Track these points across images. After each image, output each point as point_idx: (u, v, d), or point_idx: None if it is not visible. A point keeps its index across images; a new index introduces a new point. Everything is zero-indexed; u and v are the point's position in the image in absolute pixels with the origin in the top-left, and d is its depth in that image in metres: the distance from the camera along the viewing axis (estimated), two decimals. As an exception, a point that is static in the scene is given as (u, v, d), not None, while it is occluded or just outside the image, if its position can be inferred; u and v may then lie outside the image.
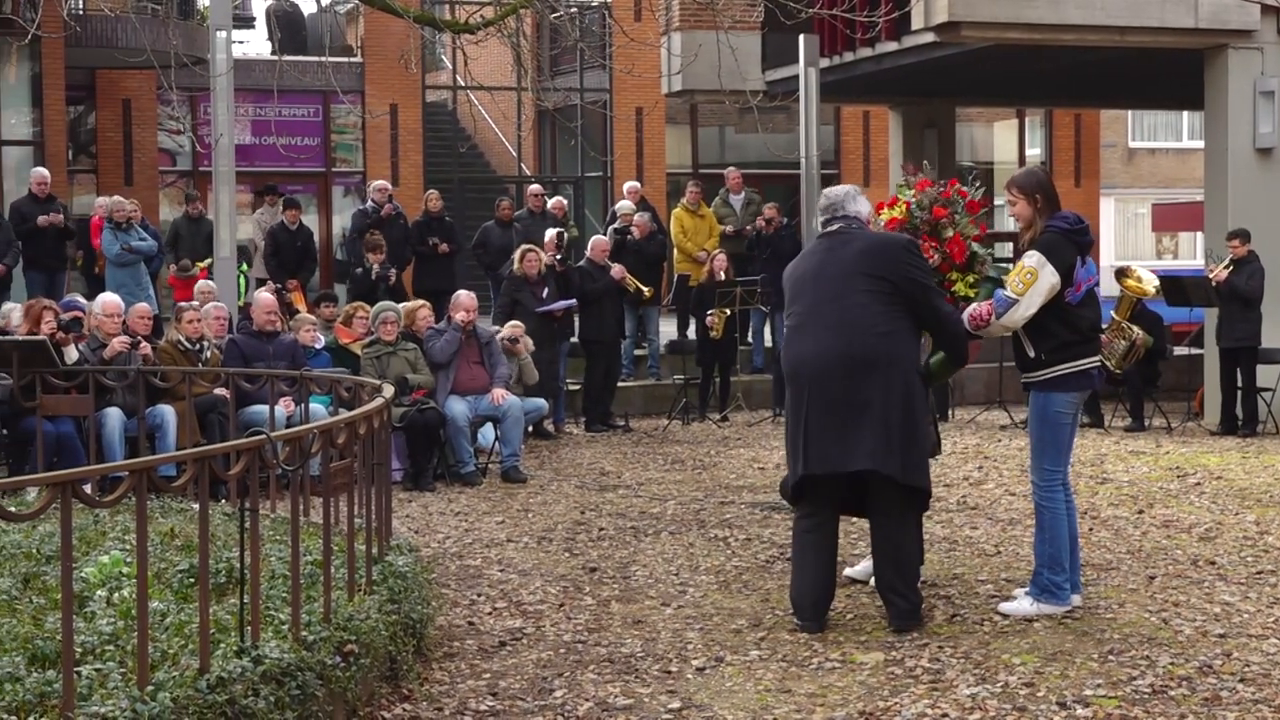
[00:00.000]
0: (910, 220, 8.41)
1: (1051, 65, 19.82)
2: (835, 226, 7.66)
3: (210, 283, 15.31)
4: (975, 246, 8.49)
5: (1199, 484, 11.98)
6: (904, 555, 7.52)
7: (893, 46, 18.36)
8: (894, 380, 7.32)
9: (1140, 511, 10.76)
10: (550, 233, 16.62)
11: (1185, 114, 39.29)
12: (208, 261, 16.30)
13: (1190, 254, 39.75)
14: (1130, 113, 40.33)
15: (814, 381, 7.38)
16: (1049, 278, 7.54)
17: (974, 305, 7.74)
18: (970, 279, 8.37)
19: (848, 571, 8.43)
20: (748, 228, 19.30)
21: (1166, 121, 43.08)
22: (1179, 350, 18.29)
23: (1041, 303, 7.54)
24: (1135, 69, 19.91)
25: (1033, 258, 7.58)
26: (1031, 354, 7.67)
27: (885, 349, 7.33)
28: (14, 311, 12.87)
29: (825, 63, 19.63)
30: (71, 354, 11.48)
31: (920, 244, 8.06)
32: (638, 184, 21.32)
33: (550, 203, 19.22)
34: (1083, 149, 30.77)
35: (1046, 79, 21.77)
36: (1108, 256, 36.15)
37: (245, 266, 18.89)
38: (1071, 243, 7.69)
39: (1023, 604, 7.72)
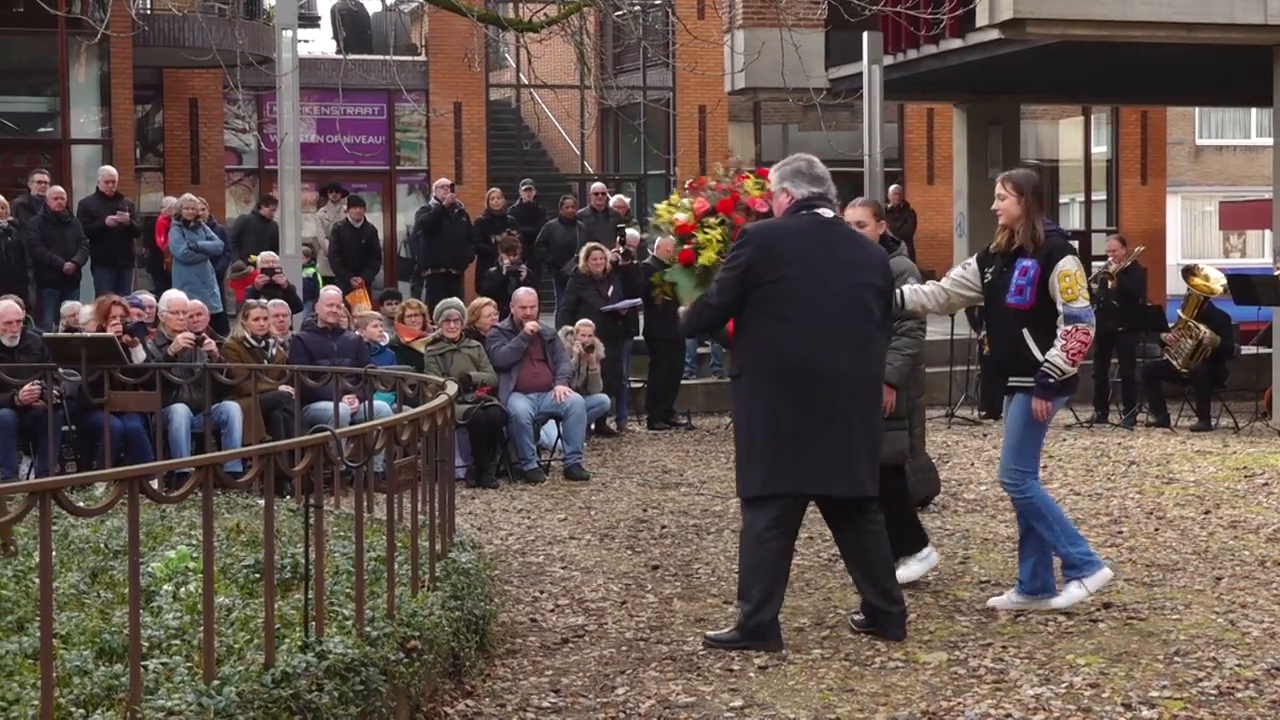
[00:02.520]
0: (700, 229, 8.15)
1: (1118, 62, 19.68)
2: (829, 214, 7.24)
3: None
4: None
5: (1267, 484, 11.86)
6: (890, 560, 7.42)
7: (957, 44, 18.27)
8: (880, 400, 7.36)
9: (1207, 512, 10.66)
10: (631, 233, 16.63)
11: (1254, 111, 38.87)
12: (262, 256, 16.38)
13: (1258, 252, 39.36)
14: (1198, 109, 40.01)
15: (824, 394, 7.01)
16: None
17: (1068, 345, 7.42)
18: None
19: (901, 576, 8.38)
20: None
21: (1234, 118, 42.71)
22: (1246, 349, 18.10)
23: None
24: (1203, 65, 19.74)
25: (1071, 261, 7.53)
26: (1040, 357, 7.57)
27: (881, 370, 7.38)
28: (82, 309, 13.00)
29: (889, 60, 19.57)
30: (139, 354, 11.58)
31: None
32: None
33: (612, 201, 19.27)
34: (1149, 146, 30.52)
35: (1113, 76, 21.62)
36: (1174, 255, 35.85)
37: (314, 267, 18.99)
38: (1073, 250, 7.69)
39: (1072, 592, 7.67)
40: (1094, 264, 27.18)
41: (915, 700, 6.25)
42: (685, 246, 7.85)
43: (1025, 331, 7.58)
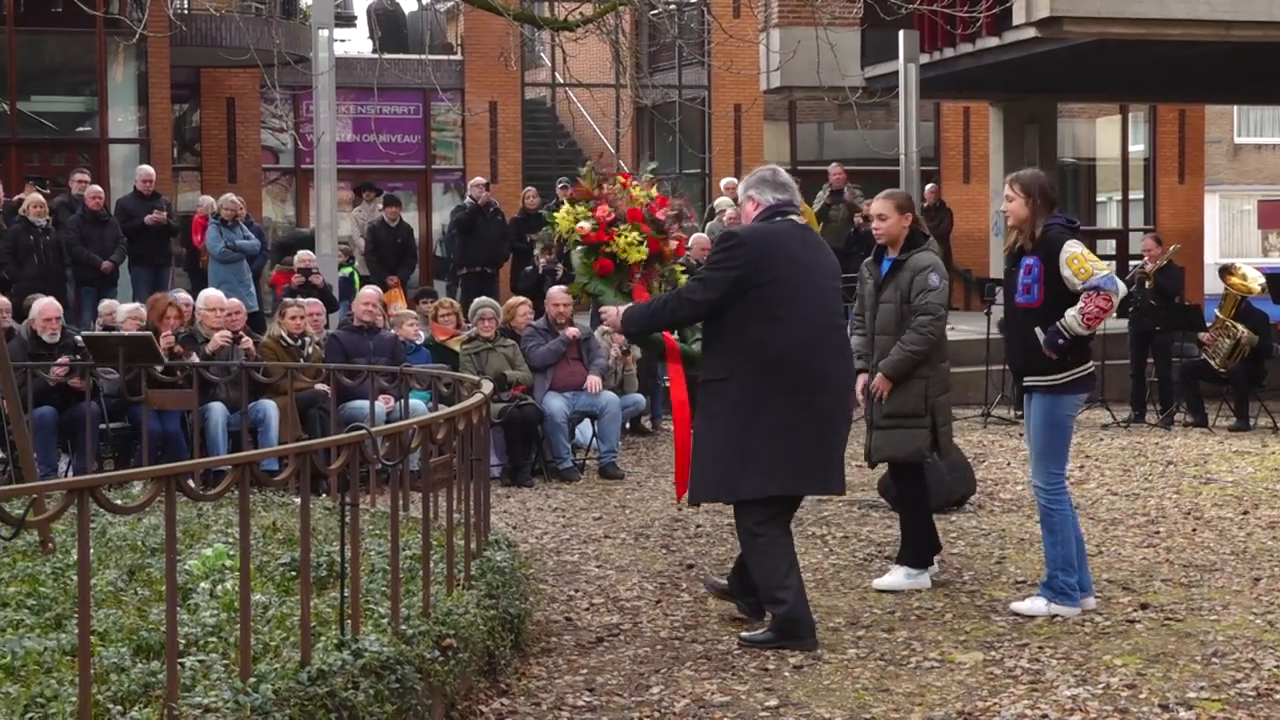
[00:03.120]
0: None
1: (1155, 60, 19.59)
2: (800, 220, 7.39)
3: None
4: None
5: (1305, 485, 11.80)
6: None
7: (994, 42, 18.22)
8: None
9: (1245, 512, 10.60)
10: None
11: (1293, 109, 38.69)
12: (298, 255, 16.45)
13: (1297, 251, 39.15)
14: (1236, 108, 39.80)
15: (821, 395, 7.13)
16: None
17: (1085, 307, 7.44)
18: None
19: (878, 583, 8.38)
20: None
21: (1274, 116, 42.49)
22: (1285, 349, 17.99)
23: None
24: (1242, 63, 19.64)
25: (1076, 245, 7.49)
26: (1054, 356, 7.54)
27: (853, 372, 7.77)
28: (119, 307, 13.06)
29: (925, 59, 19.53)
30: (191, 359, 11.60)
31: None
32: (735, 179, 21.29)
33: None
34: (1187, 145, 30.36)
35: (1150, 74, 21.54)
36: (1212, 254, 35.67)
37: (351, 266, 19.05)
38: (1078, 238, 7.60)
39: (1036, 604, 7.67)
40: (1130, 263, 27.05)
41: (951, 700, 6.24)
42: (603, 256, 7.87)
43: (1037, 330, 7.55)
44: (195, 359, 11.61)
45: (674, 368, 7.91)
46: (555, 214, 8.13)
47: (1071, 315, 7.44)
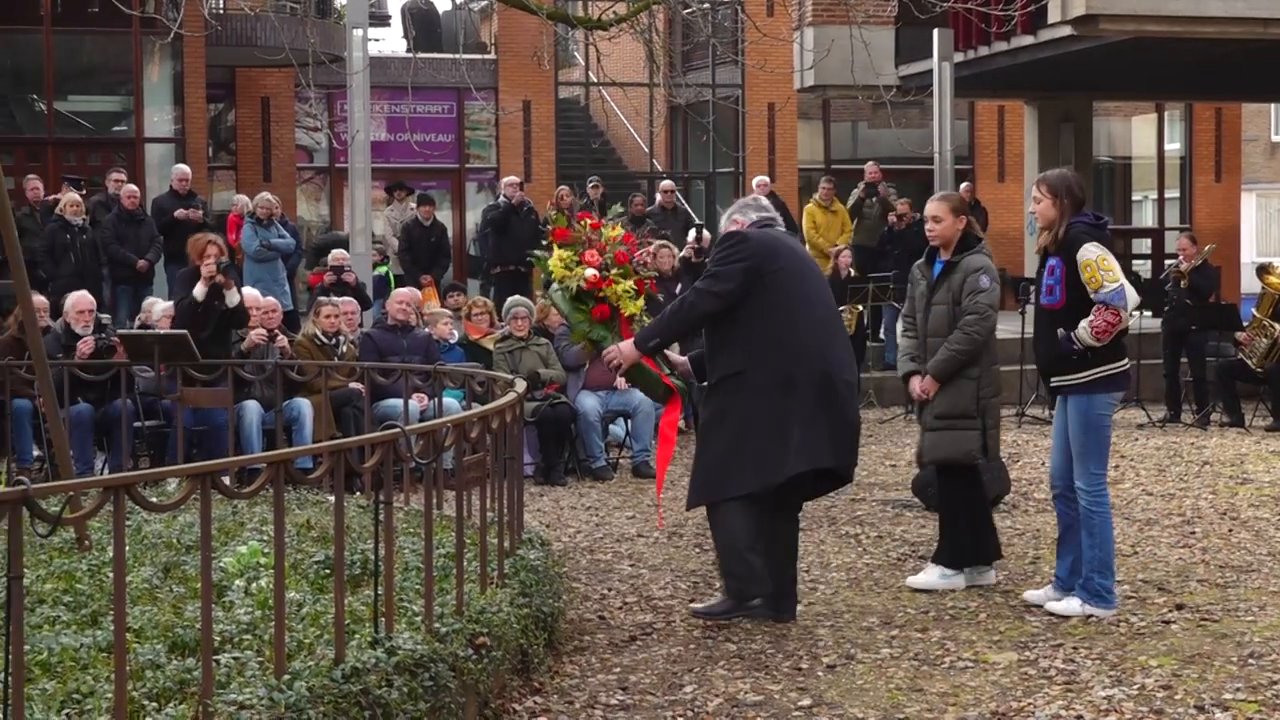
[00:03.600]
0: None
1: (1192, 58, 19.51)
2: (786, 232, 7.85)
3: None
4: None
5: (1343, 485, 11.73)
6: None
7: (1029, 40, 18.18)
8: None
9: (1282, 513, 10.56)
10: (691, 234, 16.64)
11: (1330, 107, 38.47)
12: (332, 254, 16.50)
13: (1335, 250, 38.94)
14: (1274, 105, 39.55)
15: (837, 374, 7.40)
16: (1114, 259, 7.50)
17: (1094, 321, 7.47)
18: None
19: (912, 581, 8.37)
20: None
21: (1311, 115, 42.21)
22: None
23: None
24: (1279, 61, 19.53)
25: (1095, 249, 7.46)
26: (1075, 354, 7.51)
27: None
28: (155, 305, 13.12)
29: (960, 57, 19.50)
30: (234, 297, 11.65)
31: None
32: (766, 178, 21.29)
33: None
34: (1224, 143, 30.23)
35: (1186, 72, 21.44)
36: (1248, 253, 35.48)
37: (386, 265, 19.10)
38: (1098, 238, 7.55)
39: (1071, 604, 7.65)
40: (1166, 262, 26.94)
41: (985, 701, 6.22)
42: (599, 302, 7.88)
43: (1061, 331, 7.53)
44: (237, 294, 11.65)
45: (669, 416, 8.01)
46: (545, 258, 8.10)
47: (1083, 326, 7.44)
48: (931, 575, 8.29)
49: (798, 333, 7.31)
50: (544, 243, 8.18)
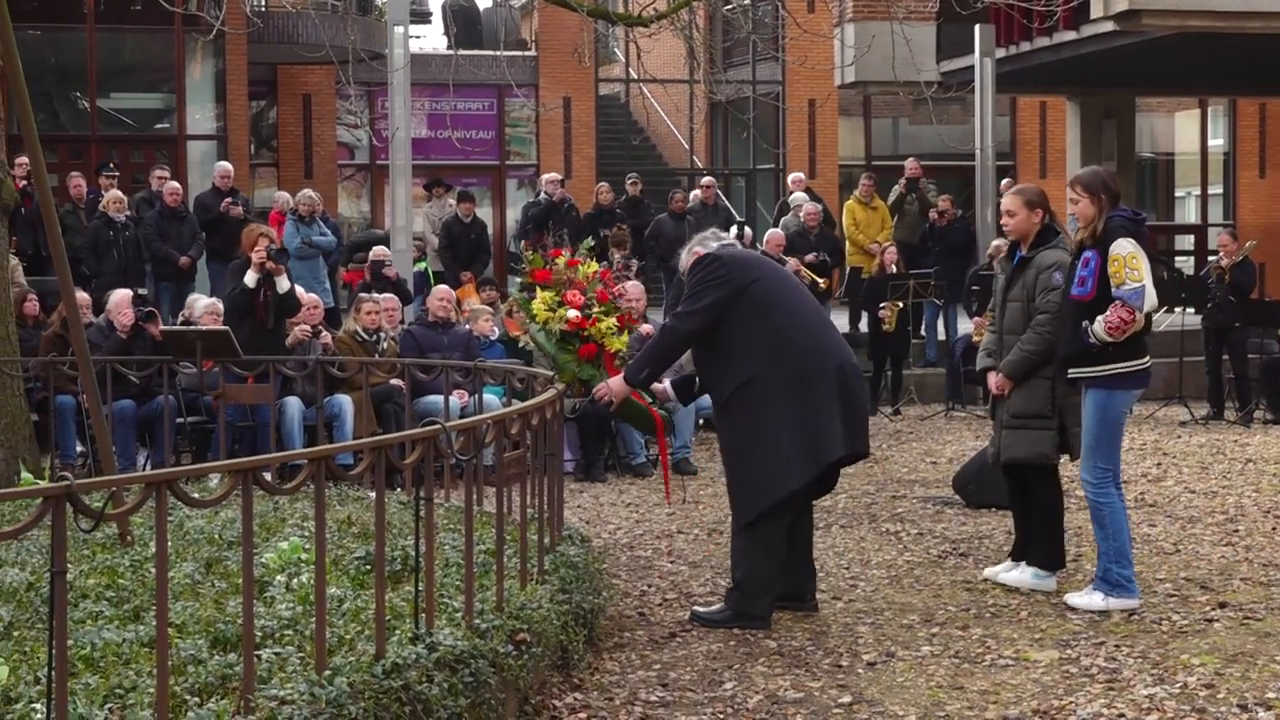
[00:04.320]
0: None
1: (1236, 53, 19.38)
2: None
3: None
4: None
5: (1388, 483, 11.65)
6: None
7: (1071, 36, 18.10)
8: None
9: (1326, 511, 10.48)
10: (732, 230, 16.64)
11: (1376, 102, 38.13)
12: (374, 250, 16.54)
13: (1380, 247, 38.61)
14: (1318, 101, 39.28)
15: (850, 373, 7.48)
16: (1146, 260, 7.43)
17: (1109, 316, 7.43)
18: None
19: (989, 572, 8.32)
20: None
21: (1356, 110, 41.87)
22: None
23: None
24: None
25: (1129, 243, 7.42)
26: (1097, 347, 7.47)
27: None
28: (197, 301, 13.18)
29: (1001, 53, 19.43)
30: (283, 283, 11.73)
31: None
32: (802, 175, 21.25)
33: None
34: (1268, 139, 30.02)
35: (1230, 68, 21.31)
36: (1292, 250, 35.23)
37: (424, 261, 19.13)
38: (1136, 233, 7.50)
39: (1093, 598, 7.63)
40: (1209, 258, 26.80)
41: (1026, 699, 6.20)
42: (585, 342, 7.89)
43: (1085, 323, 7.49)
44: (287, 280, 11.73)
45: (660, 443, 8.21)
46: (527, 299, 8.11)
47: (1098, 321, 7.42)
48: (1025, 575, 8.16)
49: (799, 329, 7.37)
50: (521, 282, 8.19)
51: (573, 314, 7.80)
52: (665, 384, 8.02)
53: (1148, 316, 7.56)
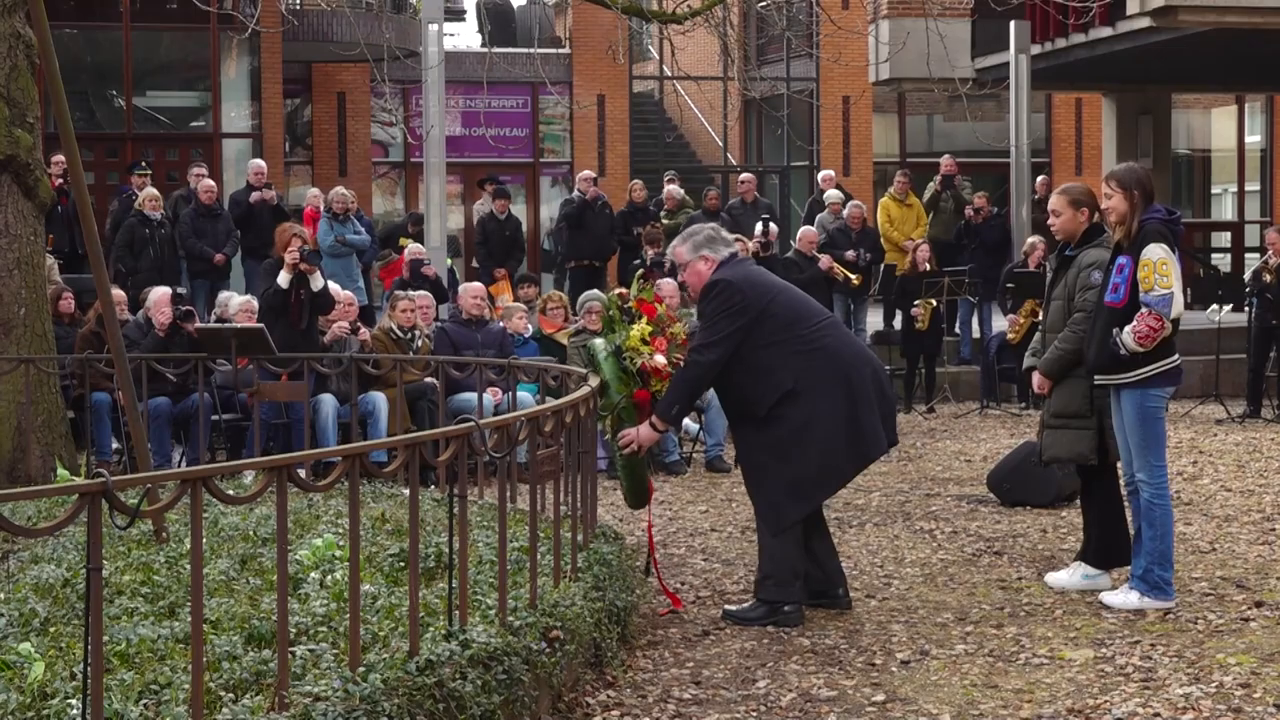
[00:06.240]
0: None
1: (1273, 49, 19.27)
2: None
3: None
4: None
5: None
6: None
7: (1107, 32, 18.02)
8: None
9: (1364, 510, 10.41)
10: (758, 227, 16.62)
11: None
12: (410, 247, 16.57)
13: None
14: (1357, 98, 39.04)
15: (882, 374, 7.67)
16: (1177, 264, 7.40)
17: (1137, 325, 7.39)
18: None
19: (1051, 578, 8.26)
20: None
21: (1395, 106, 41.60)
22: None
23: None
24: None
25: (1160, 249, 7.37)
26: (1127, 357, 7.42)
27: None
28: (232, 299, 13.23)
29: (1036, 49, 19.36)
30: (317, 281, 11.78)
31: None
32: (831, 173, 21.19)
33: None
34: (1306, 135, 29.87)
35: (1267, 63, 21.18)
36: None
37: (451, 259, 19.18)
38: (1171, 233, 7.45)
39: (1129, 597, 7.59)
40: (1245, 255, 26.63)
41: (1060, 698, 6.17)
42: (644, 389, 7.86)
43: (1115, 331, 7.45)
44: (321, 278, 11.79)
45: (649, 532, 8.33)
46: (623, 321, 8.06)
47: (1127, 331, 7.38)
48: (1075, 576, 8.09)
49: (826, 334, 7.46)
50: (624, 304, 8.12)
51: (660, 359, 7.80)
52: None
53: (1175, 321, 7.53)
